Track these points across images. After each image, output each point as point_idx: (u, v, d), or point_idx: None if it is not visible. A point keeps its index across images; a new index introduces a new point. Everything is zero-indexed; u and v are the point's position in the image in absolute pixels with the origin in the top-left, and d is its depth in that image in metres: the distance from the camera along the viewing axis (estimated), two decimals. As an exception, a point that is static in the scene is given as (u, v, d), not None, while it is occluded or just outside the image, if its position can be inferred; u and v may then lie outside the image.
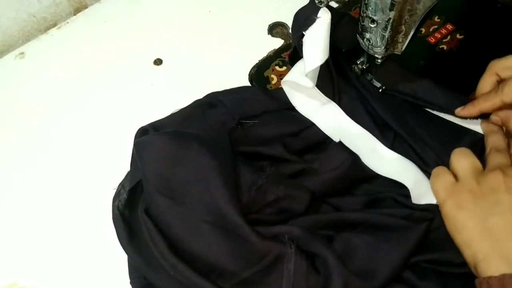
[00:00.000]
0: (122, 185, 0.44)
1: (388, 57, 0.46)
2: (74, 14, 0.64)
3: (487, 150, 0.43)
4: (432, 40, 0.56)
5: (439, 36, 0.56)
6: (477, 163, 0.41)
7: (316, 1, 0.43)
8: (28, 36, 0.63)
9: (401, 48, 0.44)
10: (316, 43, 0.44)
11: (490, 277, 0.35)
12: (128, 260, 0.42)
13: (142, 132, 0.46)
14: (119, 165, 0.46)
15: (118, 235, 0.42)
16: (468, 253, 0.38)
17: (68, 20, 0.62)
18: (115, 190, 0.44)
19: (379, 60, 0.46)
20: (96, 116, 0.53)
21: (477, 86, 0.46)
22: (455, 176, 0.41)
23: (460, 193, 0.40)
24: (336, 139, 0.47)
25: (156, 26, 0.60)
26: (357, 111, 0.49)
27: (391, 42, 0.43)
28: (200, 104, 0.49)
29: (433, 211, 0.42)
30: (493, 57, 0.53)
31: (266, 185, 0.41)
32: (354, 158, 0.45)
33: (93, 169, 0.49)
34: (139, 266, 0.41)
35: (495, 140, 0.44)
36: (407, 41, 0.43)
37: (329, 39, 0.44)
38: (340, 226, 0.41)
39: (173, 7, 0.62)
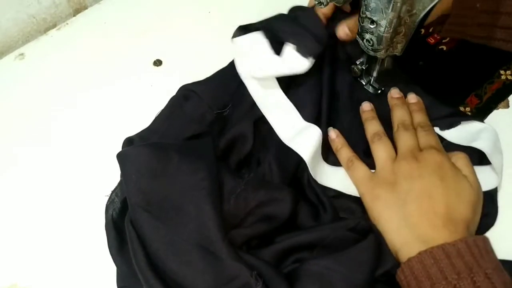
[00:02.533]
0: (116, 193, 0.44)
1: (388, 58, 0.46)
2: (74, 15, 0.63)
3: (395, 127, 0.46)
4: (431, 40, 0.56)
5: (438, 36, 0.56)
6: (392, 152, 0.43)
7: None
8: (27, 37, 0.63)
9: (401, 49, 0.44)
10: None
11: (409, 259, 0.37)
12: (116, 269, 0.42)
13: (128, 143, 0.47)
14: (118, 167, 0.46)
15: (108, 243, 0.42)
16: (389, 241, 0.40)
17: (67, 21, 0.62)
18: (108, 197, 0.45)
19: (378, 63, 0.46)
20: (95, 117, 0.53)
21: None
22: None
23: (377, 185, 0.42)
24: (264, 110, 0.47)
25: (155, 27, 0.60)
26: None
27: (390, 43, 0.43)
28: (176, 100, 0.50)
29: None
30: (492, 57, 0.54)
31: (245, 192, 0.41)
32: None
33: (93, 171, 0.49)
34: (125, 276, 0.41)
35: (400, 116, 0.46)
36: (407, 41, 0.43)
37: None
38: (298, 251, 0.41)
39: (173, 8, 0.62)
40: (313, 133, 0.45)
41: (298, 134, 0.45)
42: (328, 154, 0.47)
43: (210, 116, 0.48)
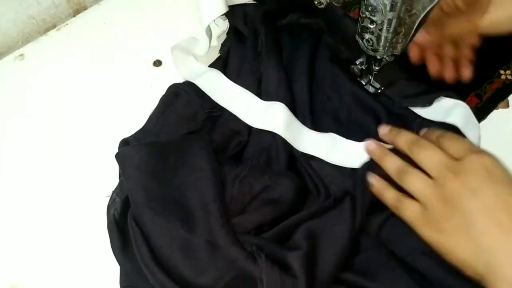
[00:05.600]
0: (116, 193, 0.45)
1: (387, 58, 0.46)
2: (74, 16, 0.63)
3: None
4: (431, 40, 0.56)
5: (438, 36, 0.56)
6: (425, 178, 0.39)
7: (316, 2, 0.43)
8: (27, 38, 0.63)
9: (401, 49, 0.44)
10: None
11: None
12: (120, 268, 0.42)
13: (124, 144, 0.47)
14: (118, 168, 0.46)
15: (111, 243, 0.42)
16: (470, 272, 0.36)
17: (67, 22, 0.62)
18: (109, 197, 0.45)
19: (377, 63, 0.46)
20: (95, 117, 0.53)
21: None
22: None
23: (433, 219, 0.38)
24: (221, 102, 0.49)
25: (155, 27, 0.60)
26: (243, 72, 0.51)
27: (390, 43, 0.43)
28: (167, 98, 0.50)
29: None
30: (492, 57, 0.54)
31: (249, 177, 0.42)
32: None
33: (93, 171, 0.49)
34: (129, 274, 0.41)
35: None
36: (407, 42, 0.43)
37: None
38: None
39: (172, 8, 0.62)
40: (277, 108, 0.46)
41: (264, 114, 0.47)
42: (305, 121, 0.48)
43: (201, 115, 0.48)
